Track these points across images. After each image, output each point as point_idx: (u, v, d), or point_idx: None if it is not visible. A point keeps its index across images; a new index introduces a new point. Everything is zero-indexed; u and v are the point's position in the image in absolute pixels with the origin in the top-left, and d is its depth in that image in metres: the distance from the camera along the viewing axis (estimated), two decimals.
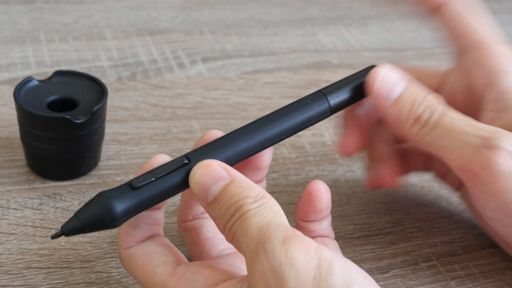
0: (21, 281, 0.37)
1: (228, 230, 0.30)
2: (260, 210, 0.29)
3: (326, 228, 0.37)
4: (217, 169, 0.31)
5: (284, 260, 0.27)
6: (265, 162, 0.36)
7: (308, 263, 0.26)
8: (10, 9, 0.64)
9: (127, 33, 0.63)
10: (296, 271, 0.26)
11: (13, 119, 0.48)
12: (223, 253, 0.36)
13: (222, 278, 0.31)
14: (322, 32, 0.68)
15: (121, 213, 0.31)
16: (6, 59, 0.56)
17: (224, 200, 0.30)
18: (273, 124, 0.35)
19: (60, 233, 0.30)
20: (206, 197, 0.31)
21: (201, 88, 0.56)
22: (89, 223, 0.30)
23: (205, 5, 0.70)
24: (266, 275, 0.27)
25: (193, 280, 0.31)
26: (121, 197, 0.31)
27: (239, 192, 0.30)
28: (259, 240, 0.28)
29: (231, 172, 0.31)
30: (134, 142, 0.48)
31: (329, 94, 0.37)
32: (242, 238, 0.29)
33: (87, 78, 0.45)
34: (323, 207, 0.36)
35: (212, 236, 0.36)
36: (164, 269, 0.32)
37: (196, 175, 0.31)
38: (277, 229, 0.28)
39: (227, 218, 0.30)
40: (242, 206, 0.30)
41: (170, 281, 0.31)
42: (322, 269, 0.26)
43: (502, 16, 0.77)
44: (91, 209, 0.31)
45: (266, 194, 0.30)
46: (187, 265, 0.32)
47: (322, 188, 0.36)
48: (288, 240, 0.27)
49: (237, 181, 0.31)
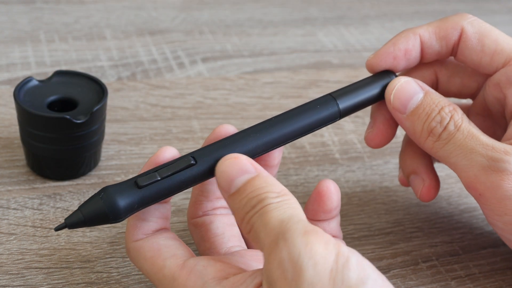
0: (21, 281, 0.37)
1: (247, 221, 0.30)
2: (281, 205, 0.30)
3: (334, 228, 0.37)
4: (244, 162, 0.32)
5: (304, 250, 0.27)
6: (275, 160, 0.37)
7: (327, 256, 0.27)
8: (10, 9, 0.64)
9: (127, 33, 0.63)
10: (315, 262, 0.27)
11: (13, 119, 0.48)
12: (231, 250, 0.36)
13: (232, 272, 0.31)
14: (322, 32, 0.68)
15: (124, 209, 0.31)
16: (6, 59, 0.56)
17: (247, 192, 0.31)
18: (282, 126, 0.35)
19: (63, 225, 0.31)
20: (230, 188, 0.31)
21: (201, 88, 0.56)
22: (91, 217, 0.31)
23: (205, 5, 0.70)
24: (284, 263, 0.27)
25: (203, 273, 0.31)
26: (125, 193, 0.31)
27: (263, 187, 0.30)
28: (280, 230, 0.28)
29: (258, 168, 0.32)
30: (134, 142, 0.48)
31: (339, 98, 0.37)
32: (262, 228, 0.29)
33: (87, 78, 0.45)
34: (332, 207, 0.36)
35: (222, 233, 0.36)
36: (174, 262, 0.32)
37: (223, 165, 0.32)
38: (298, 223, 0.28)
39: (247, 210, 0.30)
40: (264, 199, 0.30)
41: (180, 274, 0.31)
42: (339, 263, 0.27)
43: (502, 16, 0.77)
44: (95, 203, 0.31)
45: (288, 192, 0.31)
46: (197, 258, 0.32)
47: (332, 187, 0.36)
48: (308, 232, 0.28)
49: (262, 177, 0.31)
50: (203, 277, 0.31)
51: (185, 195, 0.44)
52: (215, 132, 0.35)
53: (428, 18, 0.74)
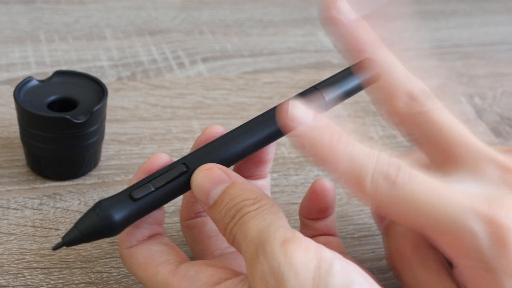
0: (21, 281, 0.37)
1: (229, 233, 0.30)
2: (259, 212, 0.29)
3: (330, 226, 0.37)
4: (217, 172, 0.31)
5: (283, 261, 0.27)
6: (268, 155, 0.36)
7: (307, 264, 0.26)
8: (10, 9, 0.64)
9: (127, 33, 0.63)
10: (295, 273, 0.26)
11: (13, 119, 0.48)
12: (226, 251, 0.36)
13: (224, 277, 0.31)
14: (322, 32, 0.68)
15: (120, 222, 0.31)
16: (6, 59, 0.56)
17: (224, 202, 0.30)
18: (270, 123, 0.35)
19: (61, 244, 0.31)
20: (207, 200, 0.31)
21: (201, 88, 0.56)
22: (88, 233, 0.31)
23: (205, 5, 0.70)
24: (266, 276, 0.27)
25: (195, 279, 0.31)
26: (120, 207, 0.31)
27: (239, 195, 0.30)
28: (259, 242, 0.28)
29: (231, 175, 0.31)
30: (134, 142, 0.48)
31: (324, 90, 0.36)
32: (242, 240, 0.29)
33: (87, 78, 0.44)
34: (328, 206, 0.36)
35: (215, 234, 0.36)
36: (166, 268, 0.32)
37: (197, 179, 0.31)
38: (277, 231, 0.28)
39: (227, 221, 0.30)
40: (242, 208, 0.30)
41: (173, 280, 0.31)
42: (322, 269, 0.26)
43: (502, 16, 0.77)
44: (90, 219, 0.31)
45: (265, 196, 0.30)
46: (189, 264, 0.32)
47: (327, 186, 0.36)
48: (287, 241, 0.27)
49: (237, 184, 0.31)
50: (195, 283, 0.31)
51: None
52: (205, 133, 0.35)
53: (428, 18, 0.74)
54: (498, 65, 0.66)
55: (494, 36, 0.72)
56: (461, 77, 0.63)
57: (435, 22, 0.74)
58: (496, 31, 0.73)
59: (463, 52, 0.68)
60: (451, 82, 0.62)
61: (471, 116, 0.57)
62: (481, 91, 0.61)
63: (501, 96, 0.61)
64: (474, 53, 0.68)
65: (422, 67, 0.40)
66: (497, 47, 0.70)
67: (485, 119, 0.57)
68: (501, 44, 0.70)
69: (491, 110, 0.58)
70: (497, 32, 0.73)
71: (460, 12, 0.77)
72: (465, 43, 0.70)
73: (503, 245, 0.29)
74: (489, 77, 0.63)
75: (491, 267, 0.29)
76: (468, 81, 0.62)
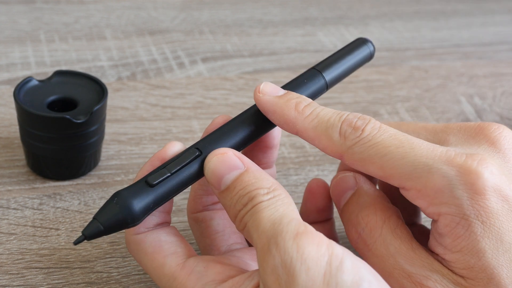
0: (21, 281, 0.37)
1: (240, 220, 0.30)
2: (272, 203, 0.29)
3: (330, 231, 0.37)
4: (232, 157, 0.31)
5: (295, 255, 0.27)
6: (275, 140, 0.36)
7: (319, 259, 0.26)
8: (10, 9, 0.64)
9: (127, 33, 0.63)
10: (307, 267, 0.26)
11: (13, 119, 0.48)
12: (232, 247, 0.36)
13: (231, 274, 0.31)
14: (322, 32, 0.68)
15: (141, 211, 0.31)
16: (6, 59, 0.56)
17: (237, 189, 0.30)
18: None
19: (82, 238, 0.30)
20: (219, 185, 0.31)
21: (201, 88, 0.56)
22: (110, 225, 0.30)
23: (205, 5, 0.70)
24: (277, 270, 0.27)
25: (203, 275, 0.31)
26: (138, 194, 0.31)
27: (253, 183, 0.30)
28: (272, 234, 0.28)
29: (246, 162, 0.31)
30: (134, 142, 0.48)
31: (323, 71, 0.37)
32: (254, 230, 0.29)
33: (87, 78, 0.45)
34: (325, 204, 0.36)
35: (222, 229, 0.36)
36: (174, 261, 0.31)
37: (210, 163, 0.31)
38: (289, 224, 0.28)
39: (239, 208, 0.30)
40: (255, 197, 0.30)
41: (180, 274, 0.31)
42: (333, 265, 0.26)
43: (502, 16, 0.77)
44: (110, 210, 0.30)
45: (279, 186, 0.30)
46: (197, 259, 0.32)
47: (322, 184, 0.36)
48: (300, 235, 0.27)
49: (251, 171, 0.31)
50: (203, 279, 0.30)
51: (184, 195, 0.44)
52: (214, 123, 0.35)
53: (428, 18, 0.74)
54: (498, 65, 0.66)
55: (494, 36, 0.72)
56: (461, 77, 0.63)
57: (435, 22, 0.74)
58: (496, 31, 0.73)
59: (463, 52, 0.68)
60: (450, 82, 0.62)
61: (471, 116, 0.57)
62: (481, 91, 0.61)
63: (501, 96, 0.61)
64: (474, 53, 0.68)
65: None
66: (497, 47, 0.70)
67: (485, 119, 0.57)
68: (501, 44, 0.70)
69: (491, 110, 0.58)
70: (497, 32, 0.73)
71: (460, 12, 0.77)
72: (465, 43, 0.70)
73: (475, 192, 0.29)
74: (489, 77, 0.63)
75: (465, 212, 0.29)
76: (468, 81, 0.62)
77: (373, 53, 0.39)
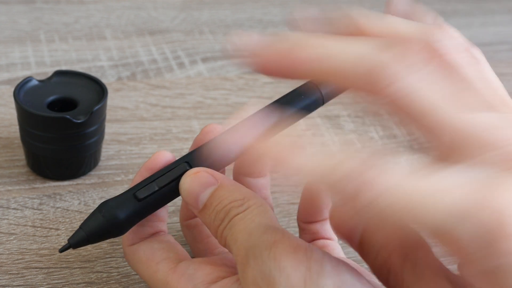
0: (21, 281, 0.37)
1: (220, 235, 0.30)
2: (247, 214, 0.29)
3: (328, 230, 0.37)
4: (205, 175, 0.31)
5: (273, 265, 0.26)
6: None
7: (298, 266, 0.26)
8: (10, 9, 0.64)
9: (127, 33, 0.63)
10: (286, 275, 0.26)
11: (13, 119, 0.48)
12: (225, 250, 0.36)
13: (222, 275, 0.31)
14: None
15: (126, 222, 0.31)
16: (6, 59, 0.56)
17: (213, 205, 0.30)
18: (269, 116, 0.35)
19: (68, 246, 0.31)
20: (197, 204, 0.31)
21: (201, 88, 0.56)
22: (94, 234, 0.31)
23: (205, 5, 0.70)
24: (257, 281, 0.27)
25: (194, 277, 0.31)
26: (125, 207, 0.31)
27: (226, 197, 0.30)
28: (249, 246, 0.28)
29: (218, 178, 0.31)
30: (134, 142, 0.48)
31: (321, 85, 0.37)
32: (233, 243, 0.29)
33: (87, 78, 0.44)
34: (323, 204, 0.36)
35: None
36: (166, 266, 0.32)
37: (185, 184, 0.31)
38: (265, 233, 0.28)
39: (217, 224, 0.30)
40: (230, 210, 0.30)
41: (172, 278, 0.31)
42: (313, 270, 0.26)
43: (502, 16, 0.77)
44: (95, 220, 0.31)
45: (252, 195, 0.30)
46: (189, 261, 0.32)
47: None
48: (276, 244, 0.27)
49: (224, 186, 0.31)
50: (193, 281, 0.31)
51: None
52: (203, 132, 0.35)
53: None
54: (498, 65, 0.66)
55: (494, 36, 0.72)
56: None
57: None
58: (496, 31, 0.73)
59: None
60: None
61: None
62: None
63: None
64: None
65: None
66: (497, 47, 0.70)
67: None
68: (501, 44, 0.70)
69: None
70: (497, 32, 0.73)
71: (460, 12, 0.77)
72: None
73: (504, 235, 0.22)
74: None
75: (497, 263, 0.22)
76: None
77: None
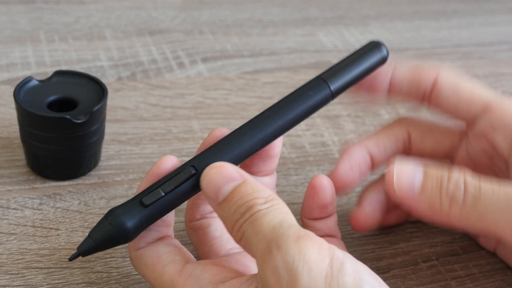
0: (21, 281, 0.37)
1: (237, 230, 0.30)
2: (271, 211, 0.29)
3: (332, 227, 0.37)
4: (229, 170, 0.31)
5: (297, 256, 0.27)
6: (275, 150, 0.36)
7: (321, 261, 0.27)
8: (10, 9, 0.64)
9: (127, 33, 0.63)
10: (309, 268, 0.26)
11: (13, 119, 0.48)
12: (231, 252, 0.36)
13: (229, 276, 0.31)
14: (322, 32, 0.68)
15: (133, 229, 0.32)
16: (6, 59, 0.56)
17: (235, 199, 0.30)
18: (277, 119, 0.35)
19: (77, 254, 0.32)
20: (217, 197, 0.31)
21: (201, 88, 0.56)
22: (102, 242, 0.32)
23: (205, 5, 0.70)
24: (279, 271, 0.27)
25: (200, 278, 0.31)
26: (132, 214, 0.31)
27: (250, 193, 0.30)
28: (272, 238, 0.28)
29: (243, 174, 0.31)
30: (134, 142, 0.48)
31: (329, 80, 0.36)
32: (253, 236, 0.29)
33: (87, 78, 0.45)
34: (327, 201, 0.36)
35: (220, 235, 0.36)
36: (172, 268, 0.32)
37: (208, 175, 0.31)
38: (290, 228, 0.28)
39: (236, 217, 0.30)
40: (253, 206, 0.30)
41: (178, 280, 0.31)
42: (334, 267, 0.27)
43: (502, 16, 0.77)
44: (103, 228, 0.31)
45: (276, 197, 0.31)
46: (195, 263, 0.32)
47: (325, 181, 0.36)
48: (301, 238, 0.27)
49: (249, 183, 0.31)
50: (200, 282, 0.31)
51: None
52: (211, 136, 0.35)
53: (428, 18, 0.74)
54: (498, 65, 0.66)
55: (494, 36, 0.72)
56: None
57: (435, 22, 0.74)
58: (496, 31, 0.73)
59: (463, 52, 0.68)
60: None
61: None
62: None
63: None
64: (474, 53, 0.68)
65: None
66: (497, 47, 0.70)
67: None
68: (501, 44, 0.70)
69: None
70: (497, 32, 0.73)
71: (460, 12, 0.77)
72: (465, 43, 0.70)
73: None
74: (489, 77, 0.63)
75: None
76: None
77: (386, 58, 0.38)
